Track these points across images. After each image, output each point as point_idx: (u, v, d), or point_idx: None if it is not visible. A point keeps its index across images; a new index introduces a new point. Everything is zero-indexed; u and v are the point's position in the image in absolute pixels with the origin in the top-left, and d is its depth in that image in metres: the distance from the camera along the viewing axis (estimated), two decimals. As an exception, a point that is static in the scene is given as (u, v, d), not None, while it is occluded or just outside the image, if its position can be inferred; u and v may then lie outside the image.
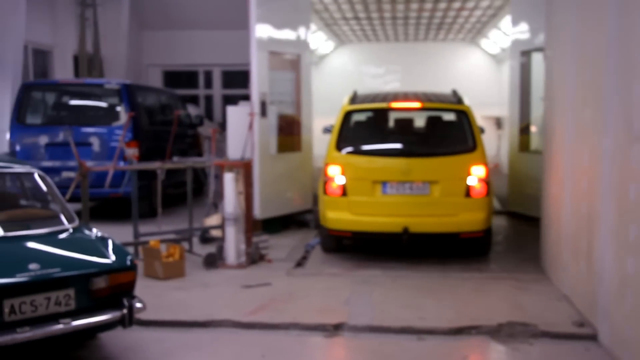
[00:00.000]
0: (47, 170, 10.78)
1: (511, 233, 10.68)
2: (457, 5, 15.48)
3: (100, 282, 5.11)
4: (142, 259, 8.01)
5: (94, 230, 5.78)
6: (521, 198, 11.23)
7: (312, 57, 21.30)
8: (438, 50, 21.90)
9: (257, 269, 8.23)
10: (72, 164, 10.50)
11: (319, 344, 5.87)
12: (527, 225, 10.73)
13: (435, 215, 8.18)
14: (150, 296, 7.01)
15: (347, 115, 8.78)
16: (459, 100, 8.88)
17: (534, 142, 11.28)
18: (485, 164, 8.27)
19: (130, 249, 8.63)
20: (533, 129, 11.31)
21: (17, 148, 11.46)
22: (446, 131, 9.21)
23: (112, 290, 5.18)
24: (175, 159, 9.98)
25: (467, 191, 8.16)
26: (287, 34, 10.88)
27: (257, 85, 10.12)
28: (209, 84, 20.92)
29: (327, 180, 8.41)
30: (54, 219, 5.72)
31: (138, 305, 5.33)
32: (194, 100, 20.33)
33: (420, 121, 10.09)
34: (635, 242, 4.94)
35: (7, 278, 4.76)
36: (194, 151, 14.51)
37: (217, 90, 20.75)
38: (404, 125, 9.51)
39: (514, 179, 11.76)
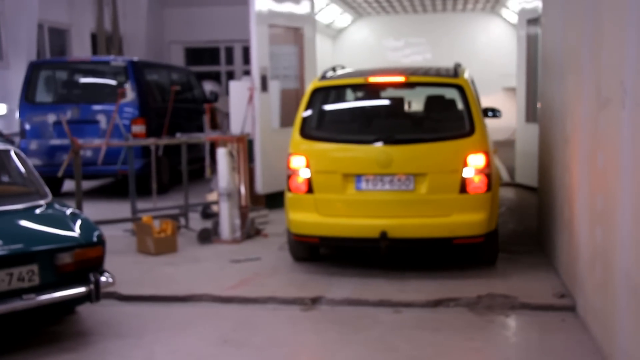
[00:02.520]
0: (55, 149, 11.20)
1: (515, 205, 10.52)
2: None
3: (66, 258, 5.15)
4: (135, 234, 8.06)
5: (66, 207, 5.80)
6: (528, 170, 11.01)
7: (329, 31, 21.27)
8: (458, 21, 21.50)
9: (252, 244, 8.23)
10: (81, 141, 10.58)
11: (292, 317, 5.85)
12: (533, 197, 10.52)
13: (422, 216, 6.57)
14: (139, 271, 7.13)
15: (315, 93, 7.10)
16: (455, 74, 7.04)
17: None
18: (486, 151, 6.57)
19: (128, 225, 8.73)
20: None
21: (27, 126, 11.60)
22: (438, 112, 7.65)
23: (78, 266, 5.21)
24: (178, 135, 9.98)
25: (462, 186, 6.49)
26: (288, 7, 10.78)
27: (257, 60, 10.05)
28: (230, 60, 20.91)
29: (290, 174, 6.86)
30: (27, 196, 5.77)
31: (106, 280, 5.36)
32: (215, 76, 20.35)
33: (418, 104, 8.73)
34: (602, 211, 4.79)
35: (-32, 254, 4.82)
36: (211, 127, 14.52)
37: (239, 67, 20.71)
38: (390, 107, 8.04)
39: (521, 150, 11.54)
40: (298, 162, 6.79)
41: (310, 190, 6.72)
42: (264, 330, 5.55)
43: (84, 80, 12.41)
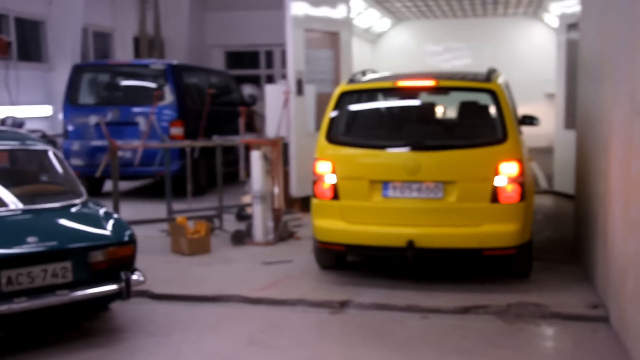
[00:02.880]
0: (96, 149, 11.40)
1: (552, 213, 10.37)
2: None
3: (98, 256, 5.27)
4: (170, 235, 8.17)
5: (100, 206, 5.91)
6: (566, 177, 10.85)
7: (368, 36, 21.28)
8: (499, 25, 21.35)
9: (284, 246, 8.28)
10: (120, 143, 10.76)
11: (319, 320, 5.87)
12: (570, 206, 10.37)
13: (451, 225, 6.32)
14: (172, 271, 7.23)
15: (342, 97, 6.89)
16: (488, 79, 6.71)
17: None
18: (520, 159, 6.27)
19: (164, 226, 8.85)
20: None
21: (69, 128, 11.84)
22: (470, 118, 7.28)
23: (110, 264, 5.32)
24: (214, 137, 10.07)
25: (494, 195, 6.21)
26: (324, 12, 10.82)
27: (293, 64, 10.11)
28: (270, 63, 21.05)
29: (315, 179, 6.70)
30: (63, 195, 5.90)
31: (137, 278, 5.45)
32: (255, 80, 20.50)
33: (453, 110, 8.18)
34: (636, 220, 4.71)
35: (3, 250, 4.96)
36: (249, 130, 14.63)
37: (278, 70, 20.84)
38: (420, 112, 7.66)
39: (559, 158, 11.38)
40: (324, 168, 6.61)
41: (336, 196, 6.55)
42: (291, 332, 5.58)
43: (125, 82, 12.61)
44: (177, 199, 9.72)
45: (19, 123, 12.48)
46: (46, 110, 14.34)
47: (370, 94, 7.39)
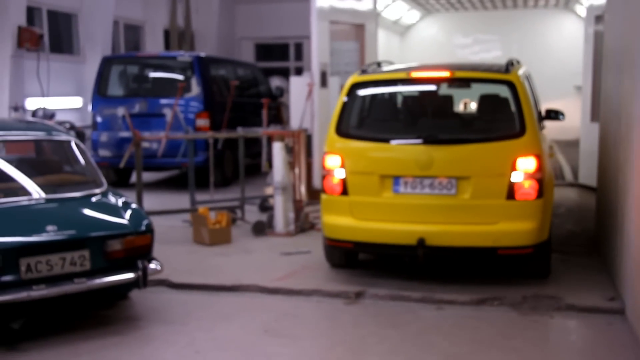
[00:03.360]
0: (124, 140, 11.54)
1: (575, 206, 10.25)
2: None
3: (115, 245, 5.35)
4: (192, 225, 8.26)
5: (120, 196, 6.00)
6: (591, 170, 10.71)
7: (397, 27, 21.19)
8: (529, 18, 21.13)
9: (304, 237, 8.31)
10: (147, 134, 10.88)
11: (334, 310, 5.91)
12: (594, 198, 10.24)
13: (464, 223, 6.02)
14: (192, 261, 7.32)
15: (354, 88, 6.61)
16: (507, 70, 6.35)
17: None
18: (539, 154, 5.96)
19: (187, 216, 8.94)
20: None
21: (98, 119, 12.00)
22: (489, 111, 6.93)
23: (127, 253, 5.40)
24: (239, 129, 10.14)
25: (510, 191, 5.91)
26: (350, 4, 10.86)
27: (318, 56, 10.17)
28: (299, 56, 21.06)
29: (324, 174, 6.44)
30: (84, 184, 5.99)
31: (154, 267, 5.54)
32: (284, 72, 20.54)
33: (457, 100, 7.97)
34: (649, 213, 4.66)
35: (22, 238, 5.07)
36: (276, 122, 14.69)
37: (307, 62, 20.75)
38: (435, 105, 7.16)
39: (585, 150, 11.25)
40: (333, 162, 6.33)
41: (345, 192, 6.27)
42: (306, 321, 5.64)
43: (153, 74, 12.73)
44: (202, 190, 9.81)
45: (49, 114, 12.68)
46: (77, 101, 14.52)
47: (383, 86, 7.00)
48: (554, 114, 7.29)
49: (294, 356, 4.97)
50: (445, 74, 6.55)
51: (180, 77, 12.16)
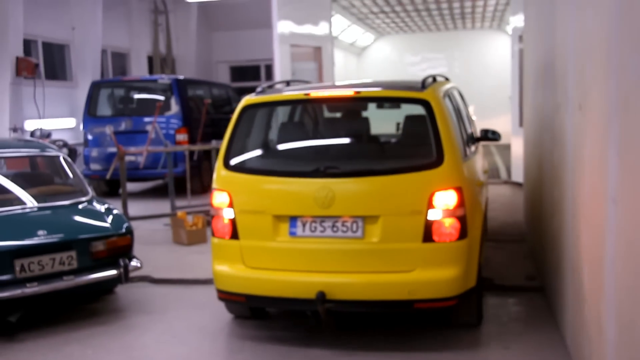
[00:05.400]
0: (112, 155, 11.51)
1: (508, 200, 10.46)
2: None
3: (99, 246, 5.41)
4: (172, 228, 8.31)
5: (103, 203, 6.05)
6: (520, 169, 10.97)
7: (354, 49, 21.38)
8: (469, 37, 21.45)
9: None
10: (132, 149, 10.92)
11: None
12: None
13: (373, 271, 4.47)
14: (171, 259, 7.36)
15: (245, 112, 4.95)
16: (422, 88, 4.75)
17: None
18: (460, 186, 4.42)
19: (167, 220, 8.98)
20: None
21: (89, 137, 11.98)
22: (407, 135, 5.42)
23: (110, 252, 5.47)
24: (213, 142, 10.19)
25: (427, 232, 4.37)
26: (308, 29, 10.98)
27: (280, 75, 10.26)
28: (269, 76, 21.15)
29: (213, 214, 4.85)
30: (72, 194, 6.04)
31: (134, 264, 5.59)
32: (256, 91, 20.58)
33: (390, 125, 6.21)
34: (558, 202, 4.83)
35: (16, 241, 5.13)
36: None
37: (277, 82, 20.93)
38: (344, 129, 5.61)
39: (515, 152, 11.52)
40: (220, 200, 4.76)
41: (235, 235, 4.70)
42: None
43: (136, 96, 12.74)
44: (181, 197, 9.85)
45: (46, 134, 12.66)
46: (70, 122, 14.48)
47: (279, 109, 5.57)
48: (492, 134, 6.18)
49: (263, 338, 4.99)
50: (348, 92, 4.97)
51: (161, 97, 12.20)
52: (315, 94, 4.98)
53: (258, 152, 5.24)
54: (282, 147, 5.42)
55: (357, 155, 5.14)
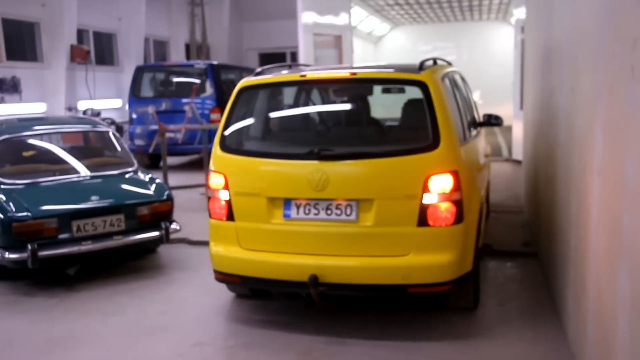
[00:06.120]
0: (153, 132, 11.67)
1: (509, 176, 10.45)
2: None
3: (144, 210, 5.56)
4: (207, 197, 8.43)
5: (147, 173, 6.18)
6: (520, 148, 10.94)
7: (371, 38, 21.24)
8: (476, 28, 21.18)
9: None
10: (171, 126, 11.05)
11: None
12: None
13: (367, 255, 4.00)
14: (206, 224, 7.18)
15: (242, 94, 4.49)
16: (420, 69, 4.24)
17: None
18: (456, 170, 3.95)
19: (202, 190, 9.13)
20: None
21: (133, 116, 12.13)
22: (406, 118, 4.73)
23: (153, 216, 5.61)
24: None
25: (422, 216, 3.91)
26: (329, 19, 10.97)
27: (304, 61, 10.28)
28: (294, 61, 21.10)
29: (209, 195, 4.48)
30: (120, 165, 6.17)
31: (174, 227, 5.74)
32: (282, 76, 20.57)
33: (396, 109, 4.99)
34: (551, 178, 4.87)
35: (74, 205, 5.30)
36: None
37: (301, 68, 20.88)
38: (343, 112, 5.22)
39: (516, 133, 11.47)
40: (216, 181, 4.36)
41: (230, 217, 4.29)
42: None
43: (175, 79, 12.84)
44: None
45: (96, 113, 12.85)
46: (117, 102, 14.68)
47: (275, 91, 4.96)
48: (494, 120, 5.73)
49: (260, 321, 4.55)
50: (344, 73, 4.48)
51: (197, 80, 12.29)
52: (311, 75, 4.46)
53: (253, 133, 4.72)
54: (277, 129, 4.92)
55: (352, 138, 4.60)
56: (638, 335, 2.28)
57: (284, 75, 4.58)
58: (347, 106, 5.20)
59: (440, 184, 3.91)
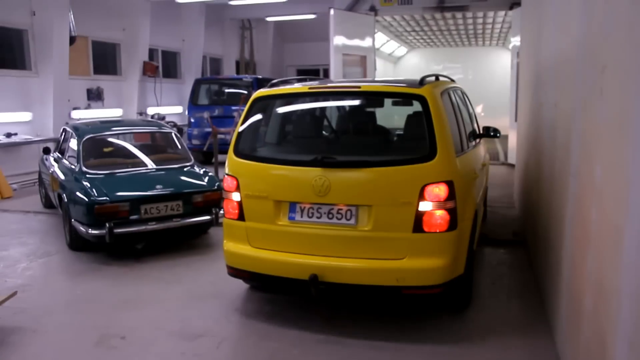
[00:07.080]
0: (208, 134, 11.83)
1: (505, 177, 10.33)
2: (480, 20, 14.81)
3: (198, 198, 5.66)
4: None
5: (201, 168, 6.30)
6: (514, 153, 10.82)
7: (391, 58, 21.15)
8: (480, 52, 20.88)
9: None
10: (222, 129, 11.22)
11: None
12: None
13: (364, 257, 3.69)
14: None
15: (255, 104, 4.23)
16: (420, 84, 3.97)
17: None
18: (450, 180, 3.62)
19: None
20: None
21: (192, 120, 12.34)
22: (408, 130, 4.40)
23: (206, 203, 5.71)
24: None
25: (417, 223, 3.59)
26: (356, 42, 10.97)
27: (334, 76, 10.33)
28: (326, 77, 21.13)
29: (224, 196, 4.20)
30: (179, 160, 6.31)
31: (222, 213, 5.81)
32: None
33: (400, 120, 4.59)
34: (535, 175, 4.85)
35: (143, 192, 5.46)
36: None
37: (332, 82, 20.90)
38: (348, 122, 4.91)
39: (510, 141, 11.35)
40: (229, 184, 4.11)
41: (241, 217, 4.05)
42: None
43: (226, 90, 13.00)
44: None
45: (161, 117, 13.13)
46: (178, 109, 14.95)
47: (286, 101, 4.53)
48: (492, 132, 5.38)
49: (257, 313, 4.22)
50: (350, 87, 4.16)
51: (244, 91, 12.45)
52: (318, 88, 4.19)
53: (264, 140, 4.45)
54: (285, 137, 4.62)
55: (355, 147, 4.29)
56: (599, 307, 2.31)
57: (295, 87, 4.29)
58: (352, 117, 4.87)
59: (436, 193, 3.59)
